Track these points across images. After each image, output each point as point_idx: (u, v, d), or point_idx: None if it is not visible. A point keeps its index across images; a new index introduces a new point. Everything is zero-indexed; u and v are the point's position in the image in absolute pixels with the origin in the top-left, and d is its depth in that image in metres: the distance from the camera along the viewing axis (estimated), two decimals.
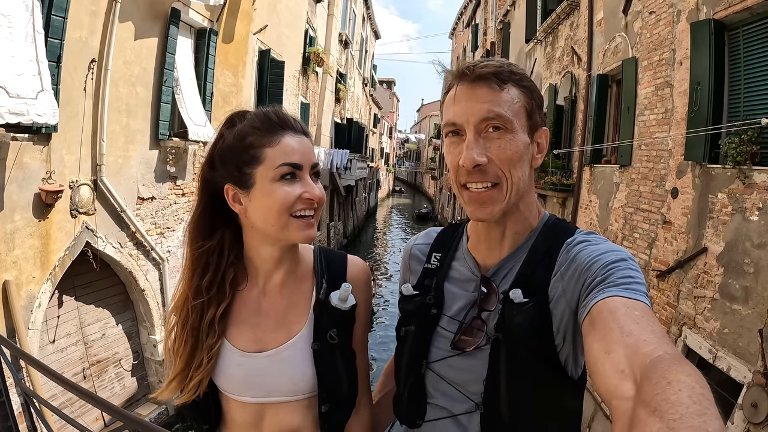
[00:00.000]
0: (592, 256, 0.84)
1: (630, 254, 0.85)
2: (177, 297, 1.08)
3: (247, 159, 0.99)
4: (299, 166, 0.99)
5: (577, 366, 0.92)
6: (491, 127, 0.89)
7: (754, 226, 4.09)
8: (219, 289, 1.06)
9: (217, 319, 1.04)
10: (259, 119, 1.01)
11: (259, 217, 1.00)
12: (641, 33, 6.53)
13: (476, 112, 0.88)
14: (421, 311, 1.04)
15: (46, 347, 5.29)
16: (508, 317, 0.90)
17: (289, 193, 0.97)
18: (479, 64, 0.90)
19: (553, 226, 1.00)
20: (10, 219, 4.57)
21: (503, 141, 0.89)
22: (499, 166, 0.89)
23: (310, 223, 1.01)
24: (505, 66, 0.91)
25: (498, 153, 0.89)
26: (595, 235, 0.94)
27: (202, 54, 7.48)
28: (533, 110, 0.93)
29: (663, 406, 0.48)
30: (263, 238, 1.05)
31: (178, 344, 1.05)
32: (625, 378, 0.60)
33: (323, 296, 1.09)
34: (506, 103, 0.89)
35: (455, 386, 0.98)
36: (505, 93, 0.89)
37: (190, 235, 1.07)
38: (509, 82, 0.90)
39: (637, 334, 0.65)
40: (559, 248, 0.93)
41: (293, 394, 1.05)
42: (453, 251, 1.10)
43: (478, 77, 0.89)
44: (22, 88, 4.26)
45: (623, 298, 0.73)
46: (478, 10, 23.20)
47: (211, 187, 1.05)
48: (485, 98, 0.89)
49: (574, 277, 0.85)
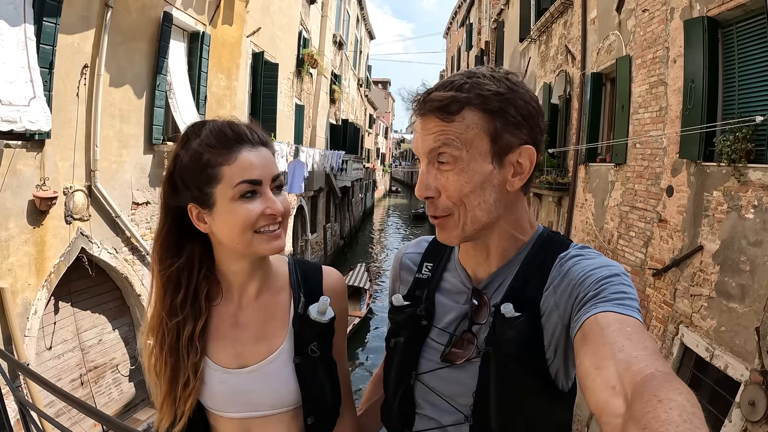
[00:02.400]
0: (586, 271, 0.83)
1: (623, 269, 0.84)
2: (151, 318, 1.05)
3: (204, 179, 0.96)
4: (258, 182, 0.97)
5: (567, 379, 0.91)
6: (438, 160, 0.87)
7: (750, 224, 4.10)
8: (194, 306, 1.04)
9: (197, 336, 1.03)
10: (214, 135, 0.98)
11: (224, 235, 0.99)
12: (635, 31, 6.54)
13: (425, 147, 0.88)
14: (412, 322, 1.03)
15: (42, 354, 5.27)
16: (499, 331, 0.89)
17: (250, 211, 0.95)
18: (431, 95, 0.87)
19: (547, 239, 0.98)
20: (5, 226, 4.55)
21: (452, 173, 0.86)
22: (449, 197, 0.88)
23: (276, 235, 1.00)
24: (465, 89, 0.85)
25: (446, 185, 0.87)
26: (589, 249, 0.93)
27: (195, 57, 7.46)
28: (501, 132, 0.87)
29: (653, 424, 0.48)
30: (231, 253, 1.04)
31: (159, 366, 1.03)
32: (616, 395, 0.59)
33: (302, 310, 1.08)
34: (454, 134, 0.85)
35: (444, 398, 0.98)
36: (456, 123, 0.85)
37: (158, 254, 1.04)
38: (467, 108, 0.85)
39: (628, 351, 0.64)
40: (553, 262, 0.91)
41: (278, 407, 1.05)
42: (445, 261, 1.09)
43: (427, 109, 0.87)
44: (14, 95, 4.24)
45: (616, 313, 0.72)
46: (472, 10, 23.24)
47: (174, 206, 1.03)
48: (432, 131, 0.87)
49: (567, 291, 0.84)
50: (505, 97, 0.86)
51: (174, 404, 1.02)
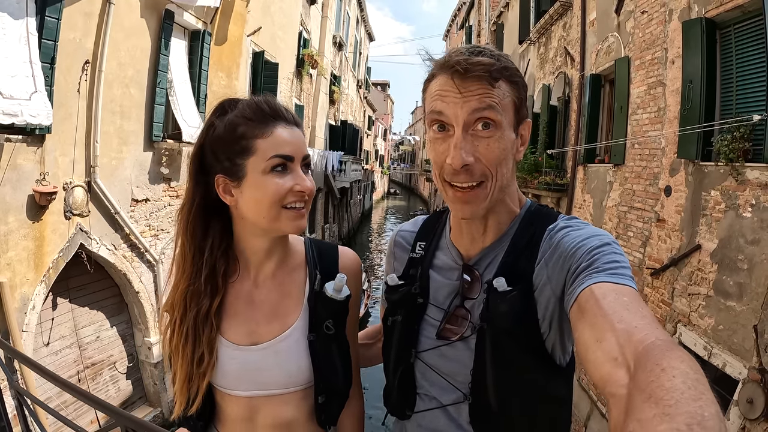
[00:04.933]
0: (576, 242, 0.84)
1: (613, 238, 0.84)
2: (173, 293, 1.05)
3: (238, 150, 0.97)
4: (291, 158, 0.98)
5: (564, 353, 0.92)
6: (480, 125, 0.86)
7: (748, 223, 4.12)
8: (213, 282, 1.04)
9: (213, 312, 1.03)
10: (251, 109, 0.99)
11: (250, 209, 0.99)
12: (633, 32, 6.57)
13: (466, 110, 0.85)
14: (408, 300, 1.03)
15: (40, 350, 5.25)
16: (492, 306, 0.90)
17: (280, 186, 0.96)
18: (471, 60, 0.85)
19: (535, 212, 0.99)
20: (4, 221, 4.54)
21: (492, 140, 0.86)
22: (486, 165, 0.87)
23: (301, 214, 1.00)
24: (496, 61, 0.86)
25: (486, 152, 0.86)
26: (577, 220, 0.93)
27: (195, 56, 7.46)
28: (521, 104, 0.91)
29: (658, 392, 0.48)
30: (253, 229, 1.04)
31: (177, 340, 1.03)
32: (619, 366, 0.59)
33: (318, 287, 1.07)
34: (498, 99, 0.86)
35: (444, 376, 0.98)
36: (497, 89, 0.86)
37: (188, 228, 1.04)
38: (501, 78, 0.86)
39: (628, 321, 0.64)
40: (542, 235, 0.92)
41: (288, 387, 1.04)
42: (437, 240, 1.09)
43: (471, 73, 0.84)
44: (15, 89, 4.24)
45: (611, 283, 0.73)
46: (471, 12, 23.29)
47: (202, 178, 1.03)
48: (476, 92, 0.85)
49: (559, 263, 0.85)
50: (519, 73, 0.91)
51: (189, 382, 1.02)
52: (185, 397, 1.02)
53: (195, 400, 1.02)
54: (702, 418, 0.44)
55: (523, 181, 9.95)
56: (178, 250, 1.06)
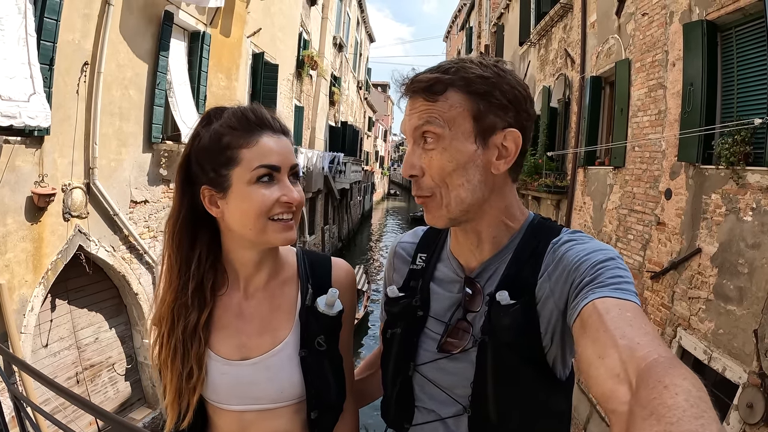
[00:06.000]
0: (580, 256, 0.83)
1: (617, 253, 0.84)
2: (159, 306, 1.03)
3: (223, 160, 0.95)
4: (277, 168, 0.95)
5: (565, 367, 0.91)
6: (423, 139, 0.89)
7: (748, 227, 4.11)
8: (200, 296, 1.02)
9: (201, 326, 1.00)
10: (236, 118, 0.97)
11: (236, 220, 0.97)
12: (634, 35, 6.56)
13: (411, 126, 0.90)
14: (407, 313, 1.02)
15: (38, 351, 5.25)
16: (494, 319, 0.89)
17: (266, 197, 0.94)
18: (415, 78, 0.90)
19: (539, 225, 0.98)
20: (2, 222, 4.53)
21: (434, 152, 0.87)
22: (431, 177, 0.88)
23: (289, 225, 0.98)
24: (450, 72, 0.87)
25: (429, 164, 0.88)
26: (581, 233, 0.92)
27: (195, 57, 7.47)
28: (485, 113, 0.87)
29: (660, 410, 0.48)
30: (241, 241, 1.01)
31: (165, 354, 1.01)
32: (621, 382, 0.59)
33: (310, 302, 1.05)
34: (438, 113, 0.86)
35: (443, 389, 0.97)
36: (440, 103, 0.87)
37: (174, 240, 1.02)
38: (451, 89, 0.86)
39: (630, 337, 0.64)
40: (546, 248, 0.91)
41: (280, 401, 1.02)
42: (438, 252, 1.08)
43: (411, 91, 0.90)
44: (14, 90, 4.24)
45: (614, 298, 0.72)
46: (472, 13, 23.30)
47: (188, 188, 1.01)
48: (417, 110, 0.89)
49: (562, 277, 0.84)
50: (491, 81, 0.87)
51: (179, 397, 1.00)
52: (176, 412, 1.00)
53: (186, 414, 1.00)
54: None
55: (523, 183, 9.94)
56: (165, 262, 1.03)
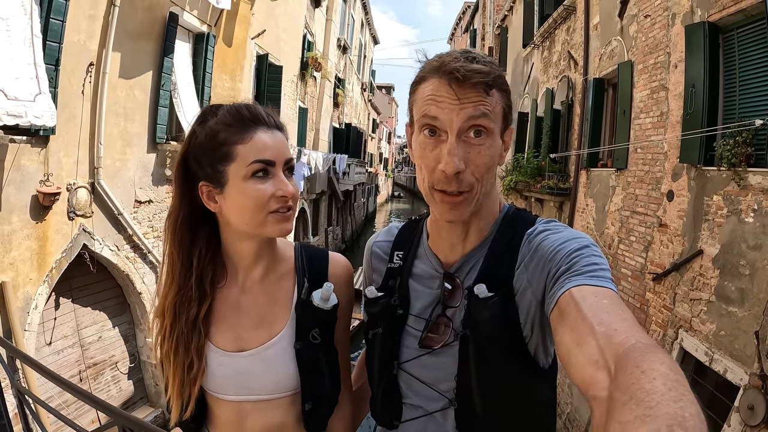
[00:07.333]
0: (555, 245, 0.84)
1: (592, 240, 0.85)
2: (162, 301, 1.05)
3: (219, 156, 0.97)
4: (272, 163, 0.98)
5: (547, 355, 0.92)
6: (473, 132, 0.86)
7: (750, 228, 4.10)
8: (200, 289, 1.04)
9: (201, 319, 1.03)
10: (231, 115, 1.00)
11: (234, 215, 0.99)
12: (636, 36, 6.56)
13: (462, 117, 0.84)
14: (388, 312, 1.02)
15: (42, 349, 5.29)
16: (474, 313, 0.90)
17: (262, 192, 0.96)
18: (469, 67, 0.84)
19: (513, 216, 0.99)
20: (8, 221, 4.58)
21: (483, 147, 0.87)
22: (474, 172, 0.87)
23: (286, 217, 1.00)
24: (492, 70, 0.86)
25: (476, 159, 0.86)
26: (555, 222, 0.94)
27: (200, 58, 7.51)
28: (509, 112, 0.92)
29: (638, 394, 0.49)
30: (240, 234, 1.04)
31: (168, 347, 1.03)
32: (600, 369, 0.60)
33: (305, 296, 1.07)
34: (490, 107, 0.86)
35: (428, 385, 0.98)
36: (490, 97, 0.86)
37: (175, 236, 1.04)
38: (494, 87, 0.87)
39: (607, 324, 0.64)
40: (521, 239, 0.92)
41: (276, 393, 1.04)
42: (414, 249, 1.08)
43: (468, 80, 0.83)
44: (20, 90, 4.28)
45: (590, 286, 0.73)
46: (476, 16, 23.33)
47: (187, 185, 1.04)
48: (472, 100, 0.84)
49: (538, 267, 0.85)
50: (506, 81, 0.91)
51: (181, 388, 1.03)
52: (180, 403, 1.03)
53: (188, 405, 1.03)
54: (683, 418, 0.44)
55: (526, 185, 9.93)
56: (166, 259, 1.06)
